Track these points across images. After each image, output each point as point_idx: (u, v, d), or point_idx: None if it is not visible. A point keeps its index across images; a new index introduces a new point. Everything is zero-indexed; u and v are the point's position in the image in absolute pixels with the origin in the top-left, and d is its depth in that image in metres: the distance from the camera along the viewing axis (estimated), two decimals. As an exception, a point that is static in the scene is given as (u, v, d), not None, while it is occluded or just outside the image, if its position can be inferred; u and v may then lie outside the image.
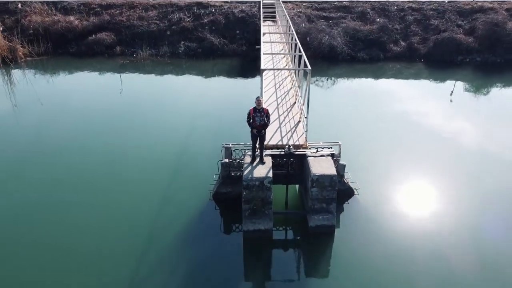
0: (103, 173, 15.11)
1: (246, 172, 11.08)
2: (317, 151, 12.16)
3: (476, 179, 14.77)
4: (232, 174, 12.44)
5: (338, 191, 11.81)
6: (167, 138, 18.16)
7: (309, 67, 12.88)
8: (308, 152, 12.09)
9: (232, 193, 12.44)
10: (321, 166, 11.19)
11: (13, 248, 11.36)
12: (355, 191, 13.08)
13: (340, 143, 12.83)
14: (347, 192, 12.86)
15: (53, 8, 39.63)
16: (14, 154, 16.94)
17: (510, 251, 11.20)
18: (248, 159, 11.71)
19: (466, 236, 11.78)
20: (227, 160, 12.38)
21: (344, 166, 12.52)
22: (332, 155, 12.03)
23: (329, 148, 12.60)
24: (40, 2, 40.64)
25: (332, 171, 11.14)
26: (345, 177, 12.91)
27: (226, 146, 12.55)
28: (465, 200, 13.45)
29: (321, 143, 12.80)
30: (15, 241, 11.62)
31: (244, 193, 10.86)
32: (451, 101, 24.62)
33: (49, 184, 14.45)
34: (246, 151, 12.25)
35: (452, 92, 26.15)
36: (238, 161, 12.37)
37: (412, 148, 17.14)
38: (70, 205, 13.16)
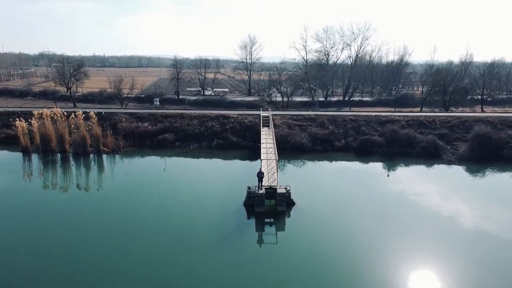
0: (183, 202, 37.12)
1: (255, 192, 33.54)
2: (280, 186, 34.64)
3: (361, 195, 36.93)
4: (251, 195, 34.55)
5: (287, 202, 34.07)
6: (218, 184, 40.76)
7: (277, 158, 36.03)
8: (277, 187, 34.54)
9: (251, 203, 34.43)
10: (281, 190, 33.67)
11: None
12: (295, 203, 35.15)
13: (290, 185, 35.20)
14: (292, 203, 34.92)
15: (132, 117, 64.34)
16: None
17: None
18: (256, 189, 34.15)
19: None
20: (249, 190, 34.70)
21: (290, 192, 34.86)
22: (285, 188, 34.46)
23: (286, 186, 35.00)
24: (124, 113, 65.57)
25: (284, 192, 33.57)
26: (291, 197, 35.11)
27: (248, 186, 34.99)
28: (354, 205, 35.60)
29: (283, 185, 35.22)
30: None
31: (256, 198, 33.20)
32: (367, 169, 47.71)
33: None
34: (255, 186, 34.65)
35: (367, 166, 49.32)
36: (253, 190, 34.58)
37: (329, 188, 39.47)
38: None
